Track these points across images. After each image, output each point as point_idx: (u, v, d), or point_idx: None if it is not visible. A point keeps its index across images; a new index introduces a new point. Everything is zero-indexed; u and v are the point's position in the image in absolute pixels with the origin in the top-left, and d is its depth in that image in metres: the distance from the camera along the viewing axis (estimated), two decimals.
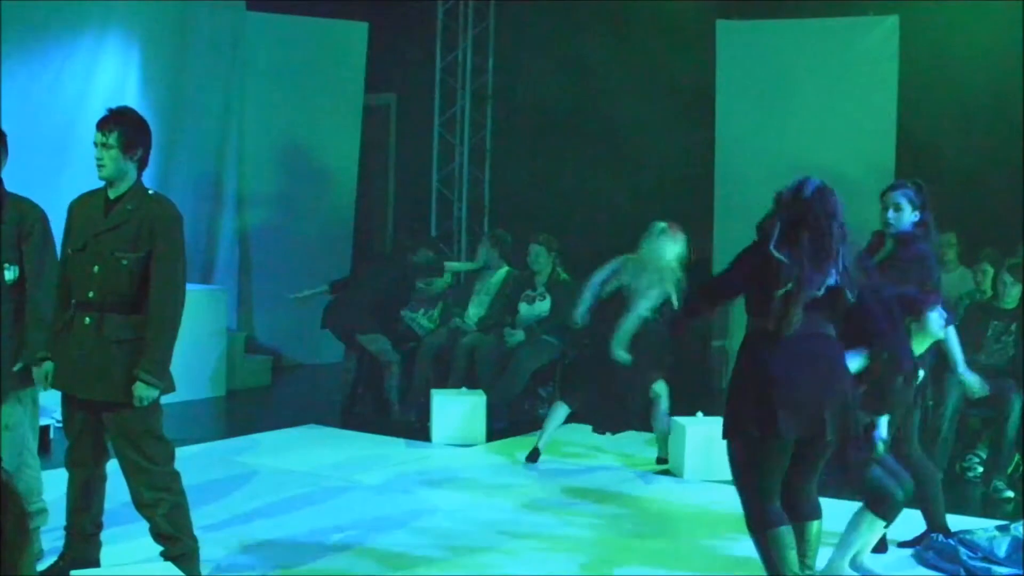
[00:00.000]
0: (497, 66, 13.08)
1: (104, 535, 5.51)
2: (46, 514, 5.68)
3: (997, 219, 9.86)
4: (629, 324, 7.53)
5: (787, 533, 4.93)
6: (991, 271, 8.63)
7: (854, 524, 5.77)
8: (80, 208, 5.27)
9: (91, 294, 5.10)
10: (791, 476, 4.98)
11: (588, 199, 11.89)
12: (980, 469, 8.10)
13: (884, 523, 5.80)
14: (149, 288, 5.10)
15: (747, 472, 4.96)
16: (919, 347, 5.89)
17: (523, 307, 9.70)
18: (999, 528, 6.24)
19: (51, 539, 5.64)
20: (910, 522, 6.85)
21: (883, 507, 5.72)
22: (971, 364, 8.01)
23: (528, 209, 12.04)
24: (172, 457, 5.29)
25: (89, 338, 5.11)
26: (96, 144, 5.14)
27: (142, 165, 5.22)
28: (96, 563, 5.37)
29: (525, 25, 12.68)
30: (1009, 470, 7.89)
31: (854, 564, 5.95)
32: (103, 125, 5.14)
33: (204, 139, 11.59)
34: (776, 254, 4.80)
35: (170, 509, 5.24)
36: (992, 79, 10.16)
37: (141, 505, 5.25)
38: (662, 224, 7.78)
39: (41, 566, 5.45)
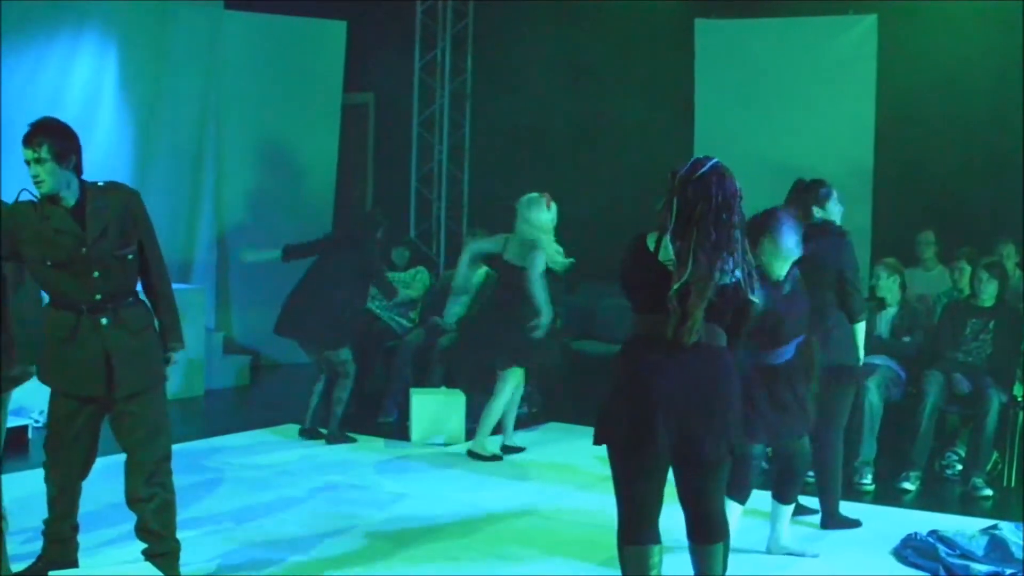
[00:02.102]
0: (476, 65, 13.06)
1: (83, 538, 5.49)
2: (5, 520, 5.61)
3: (974, 218, 9.90)
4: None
5: (648, 554, 4.59)
6: (968, 269, 8.66)
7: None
8: (24, 219, 5.06)
9: (98, 296, 5.10)
10: (687, 496, 4.62)
11: (567, 198, 11.84)
12: (959, 467, 8.13)
13: (786, 506, 6.31)
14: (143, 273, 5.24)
15: (619, 483, 4.63)
16: None
17: None
18: (981, 531, 6.24)
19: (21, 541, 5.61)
20: (891, 519, 6.90)
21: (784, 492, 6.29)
22: (950, 362, 8.08)
23: (507, 209, 11.99)
24: (170, 456, 5.35)
25: (112, 335, 5.12)
26: (28, 161, 5.02)
27: (79, 171, 5.13)
28: (74, 563, 5.35)
29: (504, 24, 12.67)
30: (988, 468, 7.92)
31: (775, 546, 6.28)
32: (30, 141, 5.01)
33: (182, 138, 11.52)
34: (669, 246, 4.37)
35: (161, 505, 5.28)
36: (970, 78, 10.19)
37: (135, 499, 5.26)
38: (533, 194, 8.24)
39: (16, 567, 5.43)
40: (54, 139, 5.01)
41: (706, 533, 4.62)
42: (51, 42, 10.46)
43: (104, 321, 5.11)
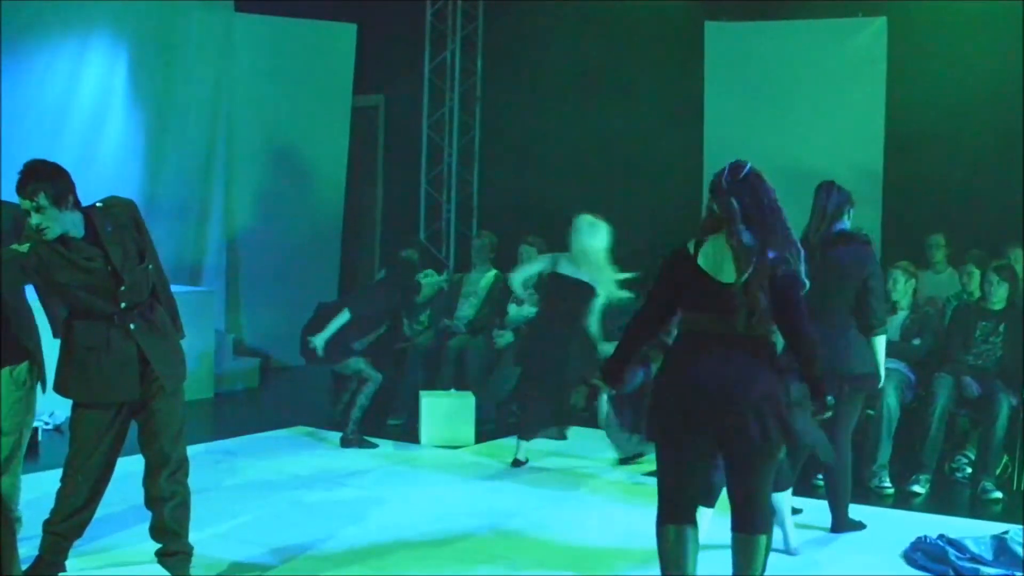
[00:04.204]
0: (485, 68, 13.07)
1: (86, 540, 5.52)
2: (20, 522, 5.64)
3: (984, 220, 9.88)
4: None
5: (677, 535, 4.75)
6: (977, 273, 8.66)
7: None
8: (50, 254, 5.04)
9: (124, 305, 5.16)
10: (734, 485, 4.82)
11: (577, 201, 11.85)
12: (968, 470, 8.11)
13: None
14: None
15: (659, 467, 4.84)
16: None
17: (512, 308, 9.70)
18: (992, 537, 6.22)
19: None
20: (901, 522, 6.89)
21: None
22: (959, 365, 8.06)
23: (517, 211, 12.03)
24: (187, 456, 5.42)
25: (143, 338, 5.21)
26: (29, 211, 4.99)
27: (78, 205, 5.10)
28: (63, 567, 5.37)
29: (514, 27, 12.68)
30: (997, 471, 7.90)
31: (790, 546, 6.24)
32: (23, 190, 4.96)
33: (192, 140, 11.55)
34: (711, 251, 4.69)
35: (179, 504, 5.36)
36: (980, 81, 10.18)
37: (156, 499, 5.32)
38: (588, 217, 8.11)
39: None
40: (47, 184, 4.96)
41: (747, 523, 4.77)
42: (61, 44, 10.50)
43: (132, 326, 5.19)
